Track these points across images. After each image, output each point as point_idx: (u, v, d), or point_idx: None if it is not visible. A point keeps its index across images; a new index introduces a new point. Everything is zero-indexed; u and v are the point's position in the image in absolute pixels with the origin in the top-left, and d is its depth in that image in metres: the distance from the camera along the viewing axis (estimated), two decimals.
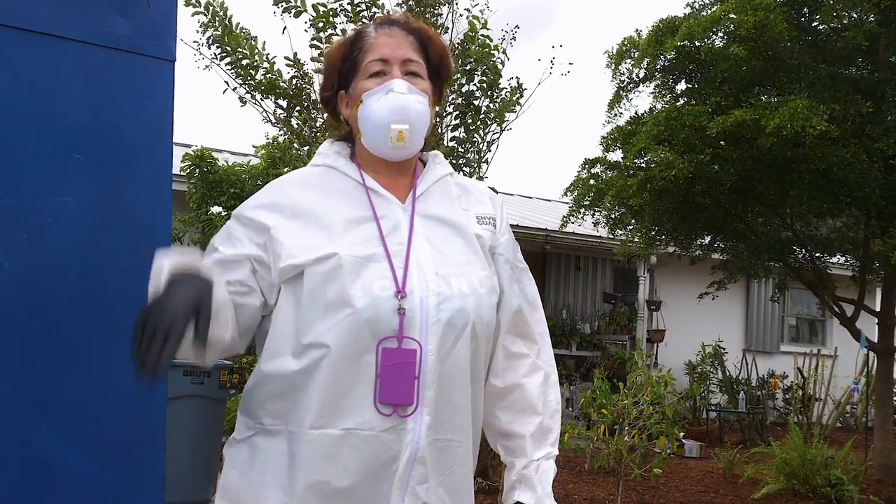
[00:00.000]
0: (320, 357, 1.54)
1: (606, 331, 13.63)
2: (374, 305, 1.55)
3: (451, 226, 1.72)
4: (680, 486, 8.08)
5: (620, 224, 9.70)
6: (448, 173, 1.81)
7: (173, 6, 2.02)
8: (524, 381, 1.78)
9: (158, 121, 1.96)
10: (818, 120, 6.91)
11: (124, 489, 1.87)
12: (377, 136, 1.67)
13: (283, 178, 1.75)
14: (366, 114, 1.68)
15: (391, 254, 1.61)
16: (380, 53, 1.69)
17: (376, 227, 1.63)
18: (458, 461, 1.66)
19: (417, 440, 1.58)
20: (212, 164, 8.72)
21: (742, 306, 15.67)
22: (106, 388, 1.83)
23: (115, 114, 1.88)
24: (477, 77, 6.19)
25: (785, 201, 8.78)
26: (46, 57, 1.78)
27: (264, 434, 1.60)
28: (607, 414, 5.25)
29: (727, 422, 12.45)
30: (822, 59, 8.45)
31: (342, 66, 1.74)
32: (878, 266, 9.14)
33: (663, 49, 8.28)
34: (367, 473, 1.55)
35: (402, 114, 1.65)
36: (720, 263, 10.18)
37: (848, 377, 13.47)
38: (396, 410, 1.56)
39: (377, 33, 1.72)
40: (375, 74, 1.69)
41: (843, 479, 7.46)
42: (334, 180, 1.70)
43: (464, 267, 1.67)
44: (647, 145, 8.01)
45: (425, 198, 1.73)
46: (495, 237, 1.79)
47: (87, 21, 1.84)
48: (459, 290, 1.63)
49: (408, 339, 1.57)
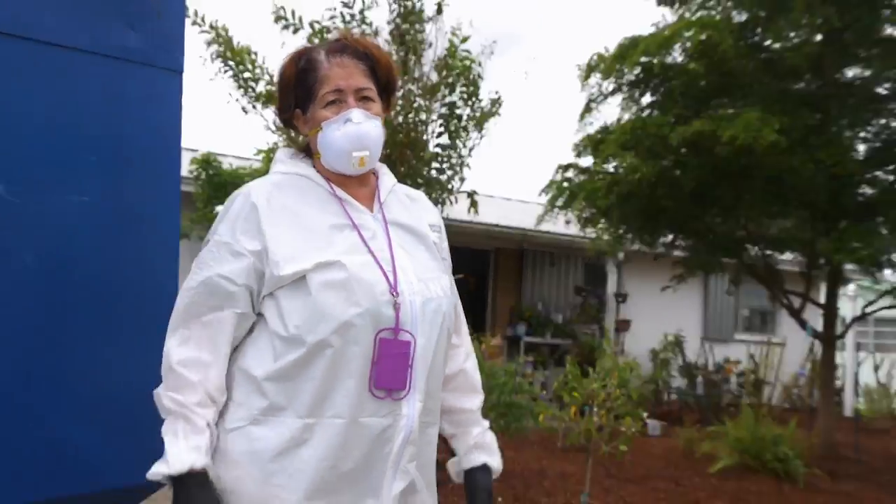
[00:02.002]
0: (325, 352, 1.52)
1: (578, 321, 13.65)
2: (376, 304, 1.56)
3: (414, 233, 1.75)
4: (644, 461, 8.11)
5: (591, 223, 9.72)
6: (395, 183, 1.82)
7: (181, 21, 2.01)
8: (465, 366, 1.88)
9: (168, 127, 1.94)
10: (769, 131, 6.96)
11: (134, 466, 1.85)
12: (339, 161, 1.67)
13: (262, 184, 1.67)
14: (326, 141, 1.66)
15: (378, 259, 1.61)
16: (334, 84, 1.66)
17: (358, 235, 1.63)
18: (429, 440, 1.69)
19: (412, 424, 1.59)
20: (217, 167, 8.68)
21: (700, 298, 15.73)
22: (117, 372, 1.81)
23: (128, 120, 1.87)
24: (459, 88, 6.18)
25: (739, 204, 8.82)
26: (64, 67, 1.77)
27: (261, 424, 1.54)
28: (578, 396, 5.25)
29: (686, 403, 12.50)
30: (774, 74, 8.50)
31: (297, 91, 1.71)
32: (822, 263, 9.19)
33: (626, 64, 8.30)
34: (367, 456, 1.55)
35: (361, 142, 1.66)
36: (681, 260, 10.22)
37: (795, 363, 13.59)
38: (390, 394, 1.56)
39: (329, 63, 1.67)
40: (332, 103, 1.66)
41: (789, 455, 7.51)
42: (306, 188, 1.68)
43: (433, 272, 1.71)
44: (615, 152, 8.02)
45: (386, 205, 1.74)
46: (441, 244, 1.83)
47: (102, 34, 1.82)
48: (436, 293, 1.67)
49: (403, 331, 1.58)
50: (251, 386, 1.56)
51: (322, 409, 1.52)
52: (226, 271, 1.56)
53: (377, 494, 1.57)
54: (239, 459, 1.54)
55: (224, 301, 1.55)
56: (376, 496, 1.57)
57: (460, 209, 6.77)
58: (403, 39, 5.98)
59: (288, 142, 6.14)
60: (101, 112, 1.83)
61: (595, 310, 13.78)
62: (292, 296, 1.54)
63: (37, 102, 1.73)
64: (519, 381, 5.88)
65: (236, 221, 1.59)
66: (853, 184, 8.41)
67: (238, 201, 1.63)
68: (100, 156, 1.82)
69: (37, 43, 1.73)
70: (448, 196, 6.22)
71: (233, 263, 1.56)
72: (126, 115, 1.87)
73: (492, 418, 5.70)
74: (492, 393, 5.73)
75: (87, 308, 1.78)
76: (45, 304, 1.72)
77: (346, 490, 1.54)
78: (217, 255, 1.58)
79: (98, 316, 1.79)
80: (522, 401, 5.79)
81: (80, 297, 1.78)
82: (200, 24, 5.94)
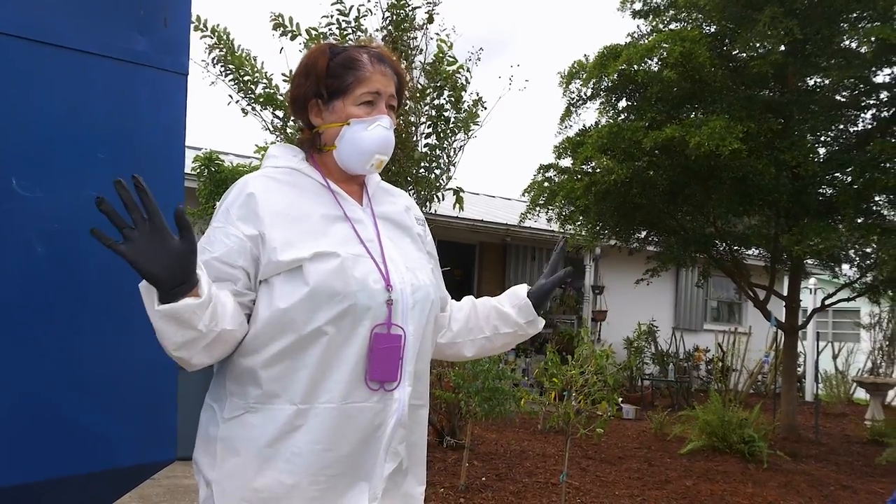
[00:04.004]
0: (319, 340, 1.51)
1: (557, 311, 13.70)
2: (371, 297, 1.55)
3: (399, 225, 1.75)
4: (618, 443, 8.16)
5: (570, 220, 9.75)
6: (379, 180, 1.82)
7: (186, 27, 2.00)
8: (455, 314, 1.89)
9: (173, 126, 1.93)
10: (732, 140, 7.07)
11: (142, 445, 1.85)
12: (357, 159, 1.66)
13: (256, 176, 1.65)
14: (352, 137, 1.65)
15: (370, 251, 1.61)
16: (375, 87, 1.65)
17: (350, 227, 1.63)
18: (419, 421, 1.68)
19: (402, 408, 1.59)
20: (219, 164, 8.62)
21: (672, 291, 15.82)
22: (125, 358, 1.81)
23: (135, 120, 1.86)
24: (446, 92, 6.17)
25: (708, 202, 8.88)
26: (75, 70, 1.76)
27: (257, 412, 1.52)
28: (557, 382, 5.27)
29: (658, 389, 12.58)
30: (741, 82, 8.55)
31: (327, 81, 1.67)
32: (785, 258, 9.27)
33: (607, 72, 8.32)
34: (362, 440, 1.54)
35: (386, 147, 1.67)
36: (654, 254, 10.27)
37: (760, 351, 13.70)
38: (383, 386, 1.56)
39: (373, 68, 1.66)
40: (367, 103, 1.65)
41: (754, 437, 7.58)
42: (300, 181, 1.67)
43: (418, 261, 1.71)
44: (593, 154, 8.05)
45: (374, 200, 1.75)
46: (425, 237, 1.83)
47: (111, 39, 1.82)
48: (423, 281, 1.67)
49: (395, 325, 1.58)
50: (247, 376, 1.54)
51: (315, 395, 1.51)
52: (223, 254, 1.54)
53: (370, 476, 1.56)
54: (238, 447, 1.52)
55: (222, 282, 1.52)
56: (368, 478, 1.56)
57: (447, 205, 6.77)
58: (396, 46, 5.97)
59: (285, 142, 6.12)
60: (110, 112, 1.82)
61: (573, 301, 13.83)
62: (288, 283, 1.52)
63: (51, 102, 1.73)
64: (502, 368, 5.89)
65: (232, 208, 1.58)
66: (814, 184, 8.48)
67: (235, 190, 1.61)
68: (109, 153, 1.81)
69: (52, 47, 1.72)
70: (436, 193, 6.21)
71: (229, 247, 1.54)
72: (134, 115, 1.86)
73: (476, 402, 5.72)
74: (476, 378, 5.74)
75: (96, 296, 1.77)
76: (57, 292, 1.72)
77: (344, 473, 1.53)
78: (213, 240, 1.56)
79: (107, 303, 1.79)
80: (505, 386, 5.80)
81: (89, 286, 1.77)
82: (203, 29, 5.91)
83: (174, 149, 1.95)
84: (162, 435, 1.89)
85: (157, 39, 1.89)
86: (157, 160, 1.90)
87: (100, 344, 1.78)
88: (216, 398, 1.60)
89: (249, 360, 1.54)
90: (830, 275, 10.33)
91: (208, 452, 1.56)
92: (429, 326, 1.67)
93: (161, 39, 1.90)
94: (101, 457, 1.77)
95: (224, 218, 1.58)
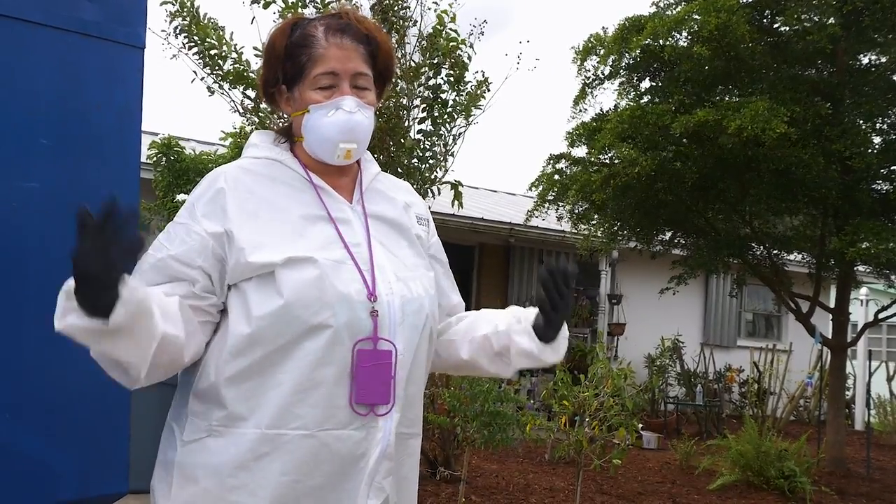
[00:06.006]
0: (292, 355, 1.51)
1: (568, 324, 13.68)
2: (352, 309, 1.55)
3: (396, 226, 1.74)
4: (638, 476, 8.16)
5: (584, 219, 9.76)
6: (378, 171, 1.81)
7: None
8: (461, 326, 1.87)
9: (127, 108, 1.94)
10: (778, 122, 7.01)
11: (89, 476, 1.85)
12: (324, 150, 1.65)
13: (229, 168, 1.66)
14: (313, 126, 1.64)
15: (355, 257, 1.60)
16: (330, 67, 1.63)
17: (333, 228, 1.63)
18: (409, 452, 1.68)
19: (388, 437, 1.59)
20: (179, 152, 8.64)
21: (700, 301, 15.83)
22: (71, 378, 1.80)
23: (83, 100, 1.86)
24: (444, 70, 6.17)
25: (744, 199, 8.89)
26: (12, 41, 1.75)
27: (219, 435, 1.53)
28: (568, 405, 5.29)
29: (684, 414, 12.58)
30: (784, 60, 8.55)
31: (285, 65, 1.67)
32: (833, 264, 9.27)
33: (629, 47, 8.33)
34: (337, 472, 1.54)
35: (351, 134, 1.64)
36: (680, 259, 10.27)
37: (802, 372, 13.69)
38: (373, 409, 1.56)
39: (328, 43, 1.63)
40: (324, 87, 1.63)
41: (795, 471, 7.57)
42: (279, 173, 1.67)
43: (414, 270, 1.71)
44: (612, 142, 8.05)
45: (368, 196, 1.73)
46: (428, 238, 1.83)
47: (55, 5, 1.81)
48: (417, 293, 1.66)
49: (382, 340, 1.58)
50: (211, 394, 1.55)
51: (286, 420, 1.51)
52: (180, 253, 1.54)
53: None
54: (196, 474, 1.53)
55: (178, 283, 1.53)
56: None
57: (443, 201, 6.77)
58: (386, 16, 5.97)
59: (258, 125, 6.11)
60: (54, 91, 1.82)
61: (587, 312, 13.82)
62: (259, 290, 1.53)
63: None
64: (504, 389, 5.90)
65: (197, 203, 1.59)
66: (868, 178, 8.48)
67: (204, 183, 1.62)
68: (51, 138, 1.81)
69: None
70: (430, 188, 6.21)
71: (188, 245, 1.54)
72: (82, 94, 1.86)
73: (474, 428, 5.73)
74: (475, 401, 5.75)
75: (36, 307, 1.77)
76: None
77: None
78: (173, 236, 1.57)
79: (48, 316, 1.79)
80: (508, 410, 5.81)
81: (27, 294, 1.77)
82: None
83: (128, 133, 1.95)
84: (111, 464, 1.89)
85: (108, 7, 1.89)
86: (108, 147, 1.90)
87: (39, 361, 1.78)
88: (176, 417, 1.61)
89: (213, 375, 1.54)
90: (885, 284, 10.34)
91: (165, 480, 1.57)
92: (422, 344, 1.66)
93: (113, 7, 1.90)
94: (41, 490, 1.77)
95: (188, 214, 1.59)
